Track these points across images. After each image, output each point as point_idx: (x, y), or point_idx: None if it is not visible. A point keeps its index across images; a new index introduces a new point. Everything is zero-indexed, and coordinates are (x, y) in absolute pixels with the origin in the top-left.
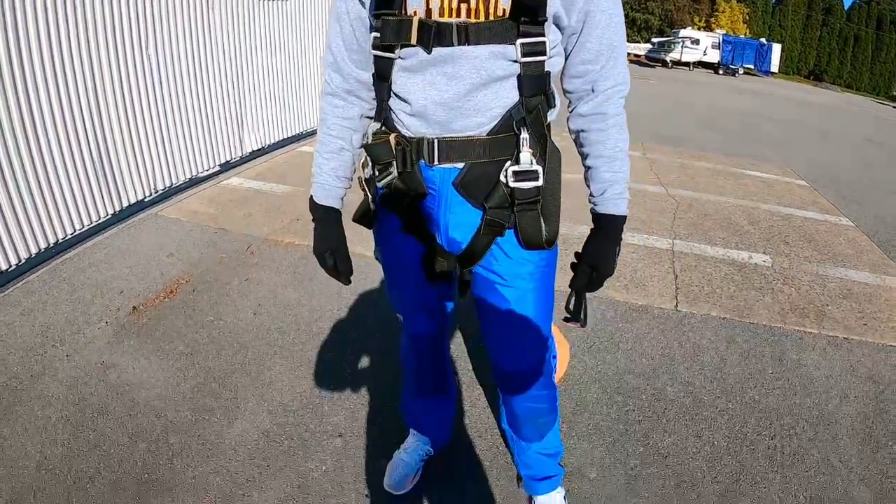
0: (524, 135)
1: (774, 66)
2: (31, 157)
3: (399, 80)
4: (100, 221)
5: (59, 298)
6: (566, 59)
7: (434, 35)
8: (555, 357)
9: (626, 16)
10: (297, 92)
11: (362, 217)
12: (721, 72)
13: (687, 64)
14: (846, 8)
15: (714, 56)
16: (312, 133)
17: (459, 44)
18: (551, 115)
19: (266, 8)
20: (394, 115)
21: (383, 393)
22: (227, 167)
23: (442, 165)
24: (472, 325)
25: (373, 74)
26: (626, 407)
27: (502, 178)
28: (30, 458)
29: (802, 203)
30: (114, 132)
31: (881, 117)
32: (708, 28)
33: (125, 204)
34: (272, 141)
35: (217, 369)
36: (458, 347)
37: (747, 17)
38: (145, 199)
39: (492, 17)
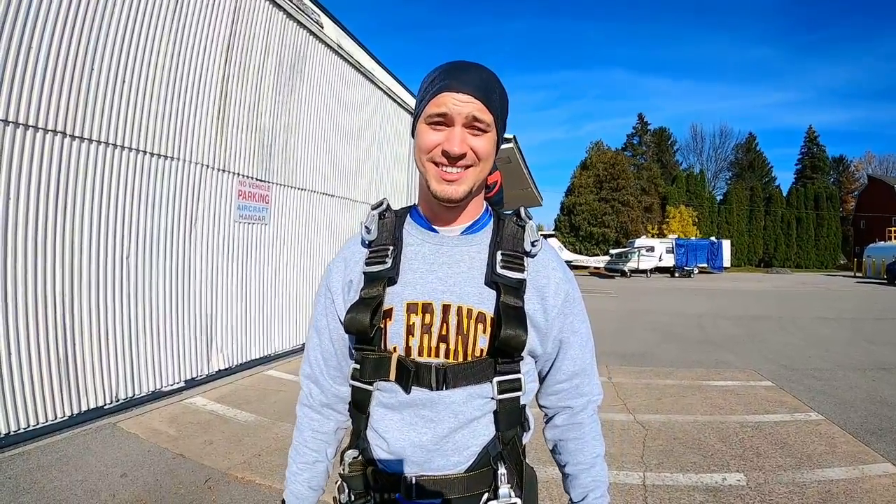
0: (501, 470)
1: (726, 261)
2: None
3: (377, 414)
4: (55, 421)
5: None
6: (541, 381)
7: (413, 377)
8: None
9: (584, 231)
10: (267, 315)
11: None
12: (677, 274)
13: (644, 271)
14: (785, 194)
15: (669, 260)
16: (280, 356)
17: (437, 387)
18: (525, 438)
19: (245, 230)
20: (371, 448)
21: None
22: (192, 384)
23: (419, 501)
24: None
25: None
26: None
27: None
28: None
29: (770, 406)
30: (83, 332)
31: (830, 289)
32: (661, 234)
33: (84, 408)
34: (239, 361)
35: None
36: None
37: (696, 220)
38: (105, 406)
39: (470, 358)
